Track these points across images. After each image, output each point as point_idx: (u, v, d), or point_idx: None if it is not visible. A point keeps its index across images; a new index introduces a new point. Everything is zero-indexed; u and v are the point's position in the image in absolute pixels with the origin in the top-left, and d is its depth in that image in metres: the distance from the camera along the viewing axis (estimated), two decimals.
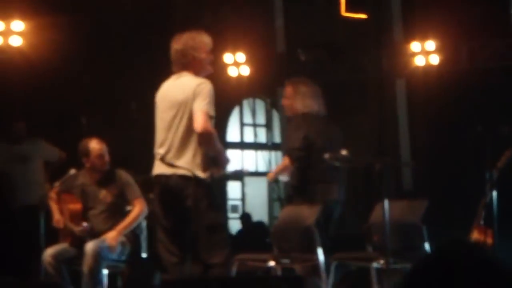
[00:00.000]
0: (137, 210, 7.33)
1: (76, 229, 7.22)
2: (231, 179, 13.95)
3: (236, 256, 7.08)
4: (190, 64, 6.06)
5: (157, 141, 6.03)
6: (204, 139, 5.83)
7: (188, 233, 5.97)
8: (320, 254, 6.97)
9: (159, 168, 5.99)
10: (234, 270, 7.07)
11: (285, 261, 7.08)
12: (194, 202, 5.87)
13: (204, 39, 6.15)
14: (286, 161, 7.27)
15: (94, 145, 7.33)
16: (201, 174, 5.87)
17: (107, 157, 7.36)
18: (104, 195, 7.35)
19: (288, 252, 7.18)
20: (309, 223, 7.08)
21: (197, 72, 6.07)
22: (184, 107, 5.91)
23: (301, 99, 7.28)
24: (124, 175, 7.43)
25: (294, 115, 7.31)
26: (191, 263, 6.06)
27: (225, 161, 5.97)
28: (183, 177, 5.89)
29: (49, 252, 7.11)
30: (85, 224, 7.22)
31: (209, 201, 5.88)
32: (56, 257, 7.10)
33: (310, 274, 7.04)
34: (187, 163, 5.87)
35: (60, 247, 7.25)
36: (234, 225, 13.35)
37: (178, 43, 6.15)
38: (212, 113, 5.84)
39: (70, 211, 7.33)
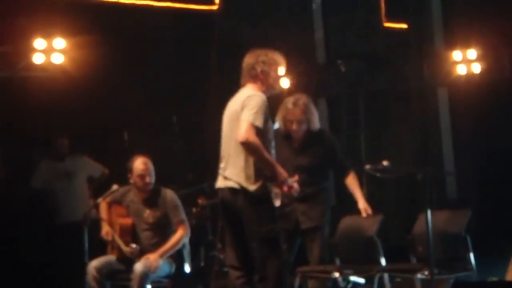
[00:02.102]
0: (179, 234, 7.36)
1: (125, 249, 7.27)
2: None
3: (299, 269, 7.10)
4: (258, 77, 6.07)
5: (221, 154, 6.06)
6: (246, 149, 5.81)
7: (246, 245, 5.96)
8: (383, 264, 7.01)
9: (218, 182, 6.04)
10: (297, 282, 7.10)
11: (349, 272, 7.09)
12: (244, 215, 5.87)
13: (277, 58, 6.17)
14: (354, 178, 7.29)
15: (138, 164, 7.39)
16: (249, 186, 5.84)
17: (148, 179, 7.38)
18: (147, 215, 7.40)
19: (352, 263, 7.21)
20: (371, 233, 7.13)
21: (263, 87, 6.07)
22: (236, 119, 5.91)
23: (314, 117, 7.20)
24: (170, 197, 7.44)
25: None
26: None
27: (274, 174, 5.87)
28: (232, 190, 5.91)
29: (93, 265, 7.17)
30: (134, 245, 7.27)
31: (259, 214, 5.84)
32: (101, 270, 7.15)
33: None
34: (237, 175, 5.87)
35: (106, 259, 7.30)
36: None
37: (250, 57, 6.15)
38: (259, 123, 5.78)
39: (120, 226, 7.38)
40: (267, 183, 5.87)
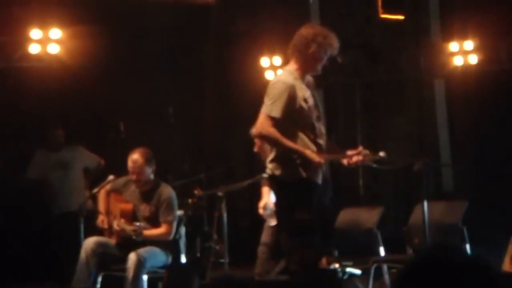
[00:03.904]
0: (160, 231, 7.35)
1: (129, 228, 7.23)
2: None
3: None
4: (305, 57, 5.83)
5: None
6: (263, 141, 5.76)
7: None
8: (382, 255, 7.02)
9: None
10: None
11: (348, 263, 7.11)
12: (276, 201, 5.84)
13: (333, 43, 5.90)
14: None
15: (128, 160, 7.37)
16: (276, 171, 5.70)
17: (135, 176, 7.34)
18: (143, 208, 7.39)
19: (350, 254, 7.22)
20: (371, 225, 7.14)
21: (306, 66, 5.86)
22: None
23: None
24: (165, 194, 7.39)
25: None
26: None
27: (305, 159, 5.63)
28: (269, 177, 5.85)
29: (92, 239, 7.18)
30: (137, 224, 7.25)
31: (289, 202, 5.69)
32: (97, 247, 7.13)
33: None
34: (269, 162, 5.79)
35: (105, 239, 7.30)
36: None
37: (308, 32, 5.89)
38: (276, 113, 5.62)
39: (121, 210, 7.37)
40: (300, 168, 5.64)
